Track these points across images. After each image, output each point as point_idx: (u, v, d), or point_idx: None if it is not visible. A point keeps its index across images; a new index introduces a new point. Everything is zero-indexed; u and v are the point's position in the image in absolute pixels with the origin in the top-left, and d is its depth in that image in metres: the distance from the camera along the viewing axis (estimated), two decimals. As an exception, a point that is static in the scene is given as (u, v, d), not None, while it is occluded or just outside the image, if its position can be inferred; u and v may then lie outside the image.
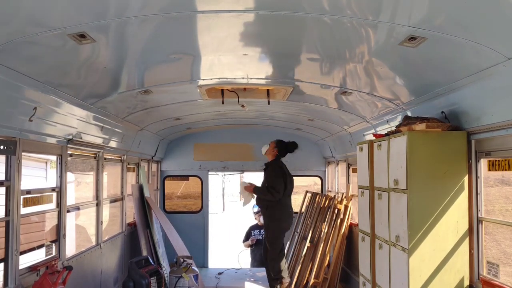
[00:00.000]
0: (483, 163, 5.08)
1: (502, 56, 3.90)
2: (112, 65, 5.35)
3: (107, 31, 4.19)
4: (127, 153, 9.38)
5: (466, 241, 5.17)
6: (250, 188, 9.18)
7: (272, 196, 8.95)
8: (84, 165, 11.85)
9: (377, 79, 5.73)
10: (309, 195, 11.74)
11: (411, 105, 6.10)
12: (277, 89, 7.19)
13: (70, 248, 7.67)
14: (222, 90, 7.42)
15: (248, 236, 12.56)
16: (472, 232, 5.16)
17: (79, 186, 13.02)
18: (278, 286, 9.11)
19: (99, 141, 7.63)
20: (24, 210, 5.52)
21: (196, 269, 8.97)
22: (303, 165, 12.48)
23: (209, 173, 12.59)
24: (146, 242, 9.83)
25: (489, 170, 4.99)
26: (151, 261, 8.93)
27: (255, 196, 9.26)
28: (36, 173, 13.20)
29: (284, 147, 9.36)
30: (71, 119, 6.24)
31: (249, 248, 12.53)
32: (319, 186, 12.74)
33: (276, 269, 9.11)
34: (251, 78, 6.40)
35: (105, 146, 8.03)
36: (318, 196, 11.08)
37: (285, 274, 9.18)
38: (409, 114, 6.04)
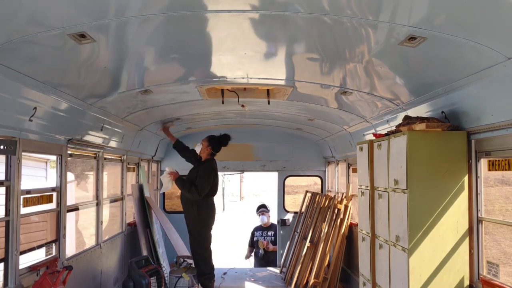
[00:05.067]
0: (483, 163, 5.08)
1: (502, 56, 3.90)
2: (112, 65, 5.35)
3: (107, 31, 4.19)
4: (127, 153, 9.38)
5: (466, 241, 5.17)
6: (174, 175, 8.71)
7: (192, 195, 8.61)
8: (84, 165, 11.85)
9: (377, 79, 5.72)
10: (309, 195, 11.75)
11: (411, 105, 6.10)
12: (277, 89, 7.19)
13: (70, 248, 7.67)
14: (222, 90, 7.42)
15: (252, 237, 12.57)
16: (472, 232, 5.16)
17: (79, 186, 13.01)
18: (211, 283, 8.97)
19: (99, 141, 7.63)
20: (24, 210, 5.52)
21: (196, 269, 8.98)
22: (303, 165, 12.48)
23: None
24: (146, 242, 9.82)
25: (489, 170, 4.99)
26: (151, 261, 8.93)
27: (173, 184, 8.83)
28: (36, 173, 13.20)
29: (217, 142, 8.96)
30: (70, 118, 6.23)
31: (251, 255, 12.61)
32: (319, 186, 12.73)
33: (211, 266, 8.96)
34: (251, 78, 6.40)
35: (105, 146, 8.03)
36: (318, 196, 11.08)
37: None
38: (409, 114, 6.03)
